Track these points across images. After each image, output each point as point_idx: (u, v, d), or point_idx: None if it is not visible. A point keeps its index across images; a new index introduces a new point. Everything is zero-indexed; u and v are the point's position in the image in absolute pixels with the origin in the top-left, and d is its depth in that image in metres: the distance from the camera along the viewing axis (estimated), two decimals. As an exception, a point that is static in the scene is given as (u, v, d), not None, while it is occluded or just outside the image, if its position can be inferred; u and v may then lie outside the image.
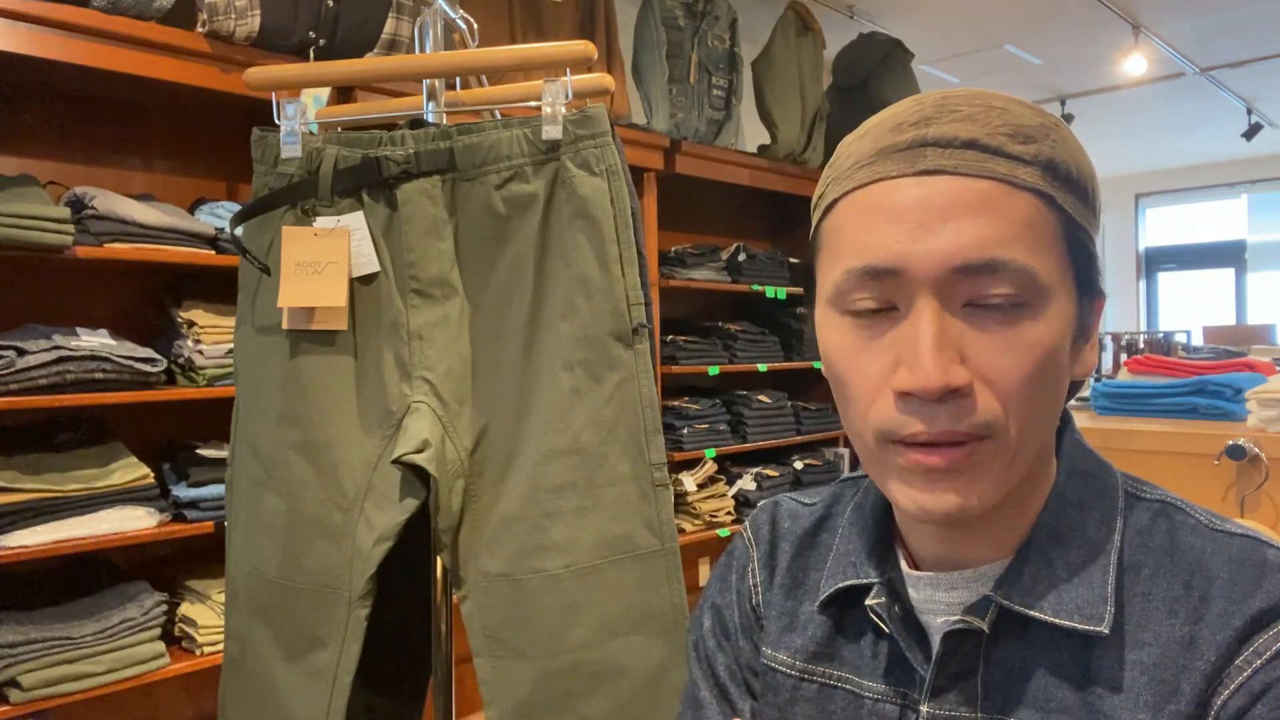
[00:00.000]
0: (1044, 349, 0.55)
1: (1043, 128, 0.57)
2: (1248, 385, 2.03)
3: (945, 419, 0.55)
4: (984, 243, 0.54)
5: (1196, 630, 0.56)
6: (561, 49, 1.17)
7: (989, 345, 0.55)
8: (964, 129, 0.56)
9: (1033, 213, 0.55)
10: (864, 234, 0.57)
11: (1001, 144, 0.56)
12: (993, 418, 0.55)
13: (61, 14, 1.81)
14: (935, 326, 0.54)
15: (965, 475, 0.56)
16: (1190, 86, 5.68)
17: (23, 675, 1.77)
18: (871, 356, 0.57)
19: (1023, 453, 0.57)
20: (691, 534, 3.25)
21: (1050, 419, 0.58)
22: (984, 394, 0.55)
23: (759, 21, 4.02)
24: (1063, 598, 0.59)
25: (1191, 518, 0.61)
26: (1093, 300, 0.60)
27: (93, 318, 2.15)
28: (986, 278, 0.54)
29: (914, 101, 0.59)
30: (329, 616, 1.17)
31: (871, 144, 0.59)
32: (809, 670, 0.70)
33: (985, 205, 0.54)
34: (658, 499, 1.15)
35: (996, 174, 0.55)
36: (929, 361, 0.53)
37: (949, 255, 0.54)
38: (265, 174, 1.24)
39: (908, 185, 0.56)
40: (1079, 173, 0.58)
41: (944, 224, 0.54)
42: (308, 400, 1.20)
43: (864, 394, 0.58)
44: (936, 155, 0.56)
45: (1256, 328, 6.49)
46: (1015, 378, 0.55)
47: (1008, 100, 0.58)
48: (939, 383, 0.53)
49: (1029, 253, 0.54)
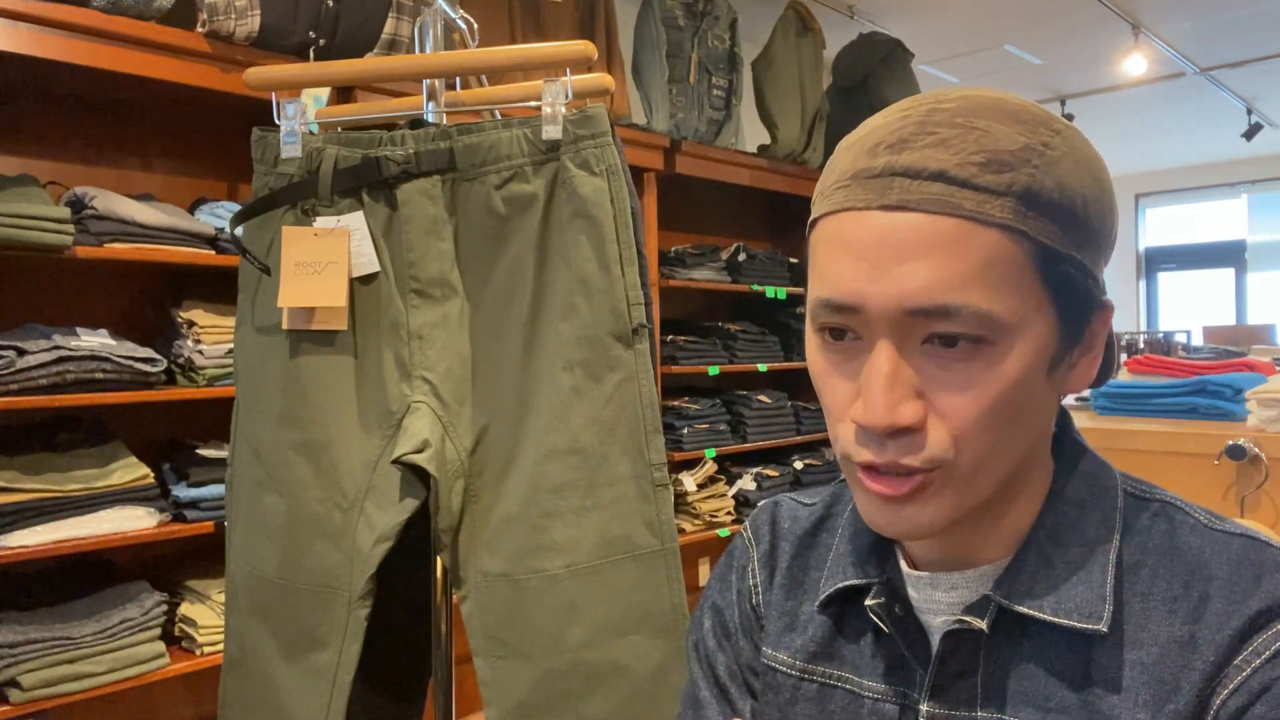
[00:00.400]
0: (1004, 385, 0.55)
1: (1026, 150, 0.55)
2: (1248, 385, 2.03)
3: (893, 451, 0.56)
4: (937, 287, 0.54)
5: (1196, 630, 0.56)
6: (561, 49, 1.17)
7: (945, 383, 0.55)
8: (935, 157, 0.55)
9: (997, 251, 0.54)
10: (830, 265, 0.57)
11: (971, 175, 0.54)
12: (942, 452, 0.56)
13: (61, 14, 1.81)
14: (888, 366, 0.55)
15: (915, 502, 0.58)
16: (1190, 86, 5.68)
17: (23, 675, 1.77)
18: (838, 381, 0.59)
19: (979, 480, 0.58)
20: (691, 534, 3.25)
21: (1013, 444, 0.58)
22: (936, 429, 0.56)
23: (759, 21, 4.02)
24: (1062, 597, 0.59)
25: (1191, 517, 0.62)
26: (1086, 317, 0.59)
27: (93, 318, 2.15)
28: (939, 320, 0.54)
29: (900, 114, 0.58)
30: (329, 616, 1.17)
31: (851, 161, 0.58)
32: (809, 670, 0.70)
33: (945, 245, 0.54)
34: (658, 499, 1.15)
35: (961, 210, 0.54)
36: (879, 401, 0.55)
37: (902, 298, 0.54)
38: (265, 174, 1.24)
39: (872, 219, 0.56)
40: (1065, 196, 0.56)
41: (901, 265, 0.54)
42: (308, 400, 1.20)
43: (833, 414, 0.60)
44: (903, 188, 0.55)
45: (1256, 328, 6.49)
46: (971, 414, 0.55)
47: (997, 113, 0.56)
48: (885, 421, 0.55)
49: (989, 293, 0.54)
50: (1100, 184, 0.58)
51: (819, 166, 3.77)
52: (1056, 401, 0.62)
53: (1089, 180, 0.57)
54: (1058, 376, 0.59)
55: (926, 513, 0.58)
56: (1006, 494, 0.61)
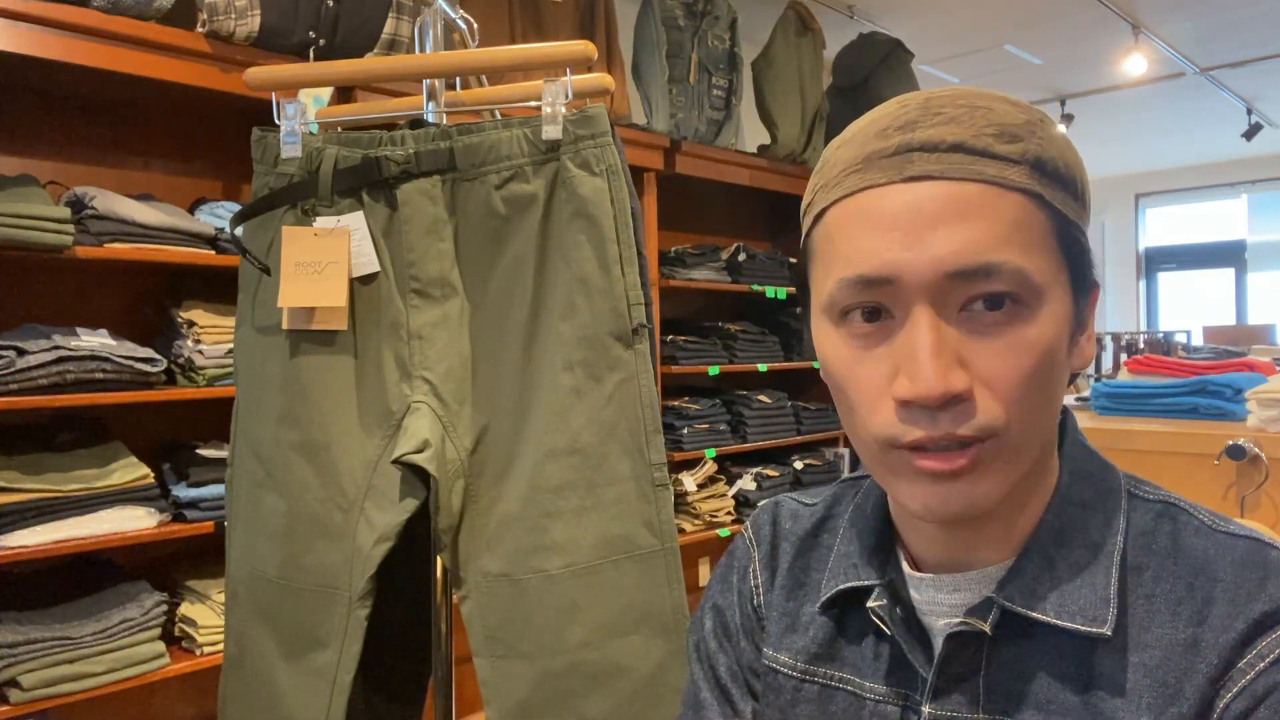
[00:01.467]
0: (1042, 348, 0.55)
1: (1028, 125, 0.57)
2: (1248, 385, 2.02)
3: (947, 423, 0.54)
4: (976, 247, 0.54)
5: (1199, 633, 0.56)
6: (561, 49, 1.17)
7: (987, 348, 0.55)
8: (950, 131, 0.56)
9: (1023, 213, 0.55)
10: (855, 243, 0.56)
11: (988, 145, 0.55)
12: (994, 419, 0.55)
13: (61, 14, 1.81)
14: (932, 334, 0.54)
15: (970, 476, 0.56)
16: (1190, 86, 5.68)
17: (23, 675, 1.77)
18: (870, 365, 0.57)
19: (1026, 449, 0.57)
20: (691, 534, 3.25)
21: (1051, 414, 0.58)
22: (984, 396, 0.55)
23: (759, 21, 4.02)
24: (1065, 599, 0.59)
25: (1195, 519, 0.61)
26: (1087, 293, 0.60)
27: (93, 318, 2.15)
28: (980, 282, 0.54)
29: (898, 105, 0.59)
30: (329, 616, 1.17)
31: (858, 150, 0.58)
32: (810, 671, 0.69)
33: (975, 209, 0.54)
34: (658, 499, 1.15)
35: (985, 176, 0.55)
36: (928, 369, 0.53)
37: (941, 261, 0.54)
38: (265, 174, 1.24)
39: (896, 192, 0.55)
40: (1066, 168, 0.58)
41: (934, 230, 0.54)
42: (308, 400, 1.20)
43: (864, 402, 0.58)
44: (923, 160, 0.55)
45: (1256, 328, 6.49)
46: (1015, 379, 0.55)
47: (991, 99, 0.58)
48: (939, 389, 0.53)
49: (1021, 253, 0.54)
50: (1084, 167, 0.61)
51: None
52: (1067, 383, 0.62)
53: (1077, 159, 0.60)
54: (1070, 352, 0.60)
55: (981, 487, 0.56)
56: (1013, 494, 0.61)
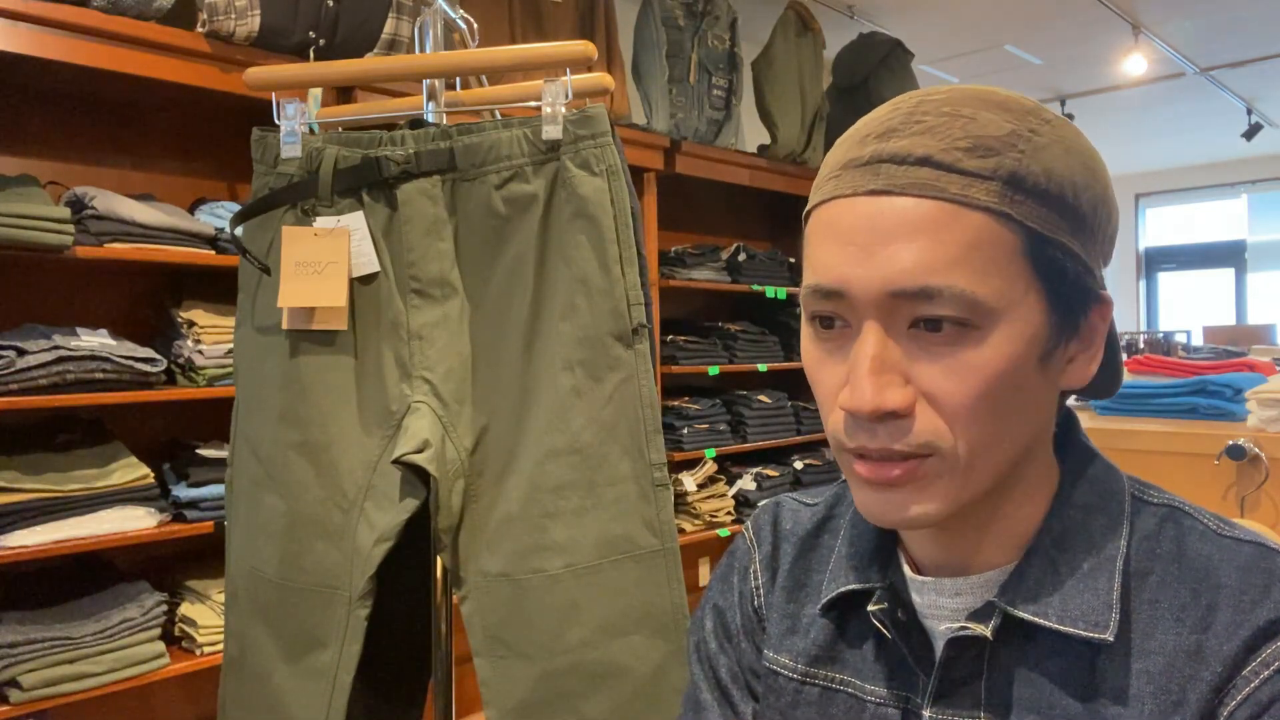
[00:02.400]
0: (991, 371, 0.55)
1: (1012, 136, 0.55)
2: (1248, 385, 2.02)
3: (883, 437, 0.56)
4: (919, 269, 0.54)
5: (1203, 640, 0.56)
6: (561, 49, 1.17)
7: (931, 368, 0.55)
8: (920, 144, 0.55)
9: (983, 233, 0.54)
10: (820, 252, 0.58)
11: (957, 160, 0.55)
12: (934, 437, 0.55)
13: (61, 14, 1.81)
14: (875, 349, 0.55)
15: (908, 488, 0.57)
16: (1190, 86, 5.68)
17: (23, 675, 1.77)
18: (829, 369, 0.59)
19: (977, 470, 0.57)
20: (691, 534, 3.25)
21: (1011, 436, 0.57)
22: (926, 414, 0.55)
23: (759, 21, 4.02)
24: (1068, 604, 0.58)
25: (1200, 523, 0.61)
26: (1079, 309, 0.59)
27: (93, 318, 2.15)
28: (922, 304, 0.54)
29: (890, 106, 0.59)
30: (329, 617, 1.17)
31: (843, 154, 0.59)
32: (811, 674, 0.69)
33: (929, 228, 0.54)
34: (658, 499, 1.15)
35: (946, 194, 0.54)
36: (865, 385, 0.55)
37: (885, 281, 0.54)
38: (265, 174, 1.24)
39: (860, 204, 0.56)
40: (1054, 181, 0.56)
41: (885, 248, 0.54)
42: (308, 400, 1.20)
43: (824, 403, 0.60)
44: (889, 173, 0.55)
45: (1256, 328, 6.49)
46: (958, 399, 0.55)
47: (983, 103, 0.57)
48: (871, 405, 0.54)
49: (973, 276, 0.54)
50: (1092, 173, 0.58)
51: (819, 166, 3.76)
52: (1056, 397, 0.61)
53: (1079, 168, 0.57)
54: (1053, 369, 0.58)
55: (920, 502, 0.57)
56: (1009, 494, 0.61)
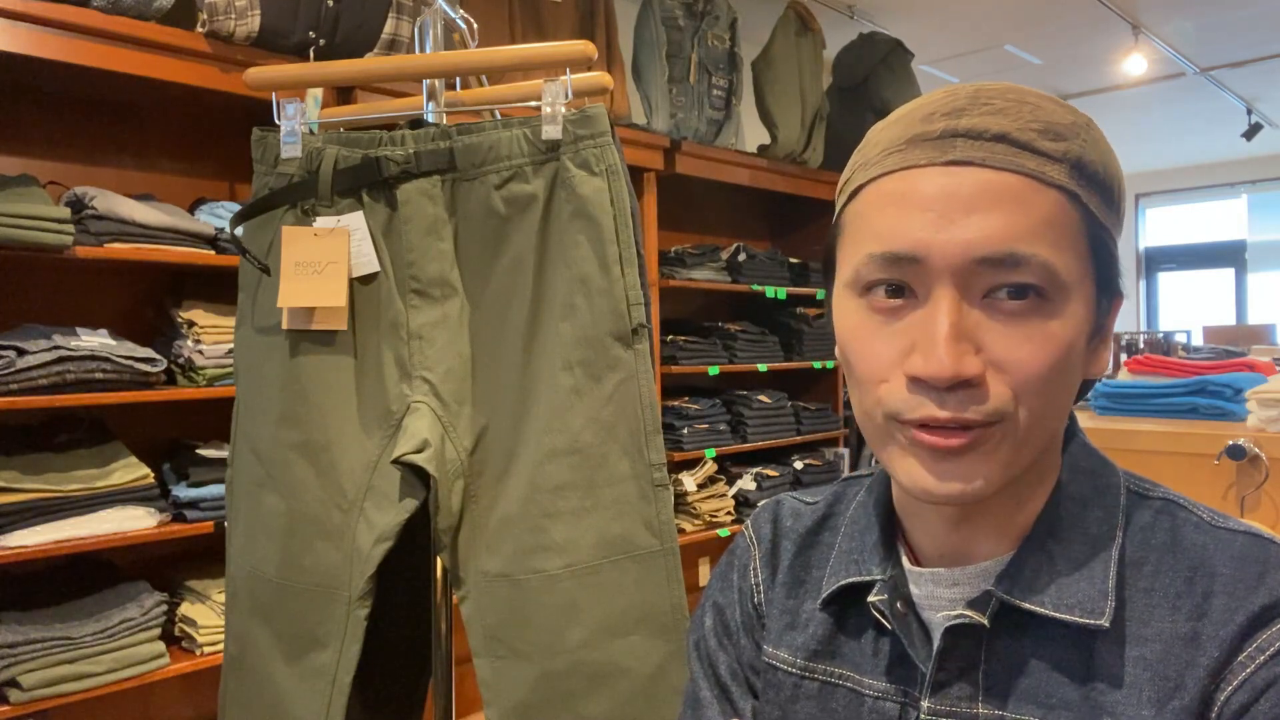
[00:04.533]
0: (1060, 343, 0.56)
1: (1073, 126, 0.58)
2: (1248, 385, 2.02)
3: (954, 405, 0.55)
4: (1006, 236, 0.54)
5: (1199, 626, 0.56)
6: (561, 49, 1.17)
7: (1006, 335, 0.55)
8: (995, 122, 0.56)
9: (1057, 210, 0.56)
10: (888, 220, 0.57)
11: (1032, 140, 0.56)
12: (1003, 405, 0.55)
13: (61, 14, 1.81)
14: (953, 316, 0.55)
15: (970, 457, 0.56)
16: (1190, 86, 5.68)
17: (23, 675, 1.77)
18: (886, 339, 0.58)
19: (1030, 441, 0.57)
20: (691, 534, 3.25)
21: (1061, 413, 0.59)
22: (996, 382, 0.55)
23: (759, 21, 4.02)
24: (1063, 592, 0.59)
25: (1194, 515, 0.62)
26: (1111, 300, 0.61)
27: (93, 318, 2.15)
28: (1007, 271, 0.55)
29: (947, 92, 0.60)
30: (329, 616, 1.17)
31: (902, 131, 0.59)
32: (810, 668, 0.70)
33: (1011, 199, 0.55)
34: (657, 499, 1.15)
35: (1025, 169, 0.55)
36: (943, 350, 0.54)
37: (971, 246, 0.54)
38: (265, 174, 1.24)
39: (935, 174, 0.56)
40: (1106, 173, 0.58)
41: (968, 215, 0.55)
42: (308, 400, 1.20)
43: (876, 374, 0.58)
44: (966, 146, 0.56)
45: (1256, 328, 6.48)
46: (1030, 368, 0.55)
47: (1041, 97, 0.59)
48: (951, 371, 0.54)
49: (1051, 249, 0.55)
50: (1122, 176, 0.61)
51: (819, 166, 3.76)
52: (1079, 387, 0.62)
53: (1117, 167, 0.60)
54: (1087, 354, 0.60)
55: (980, 470, 0.56)
56: (1015, 487, 0.61)
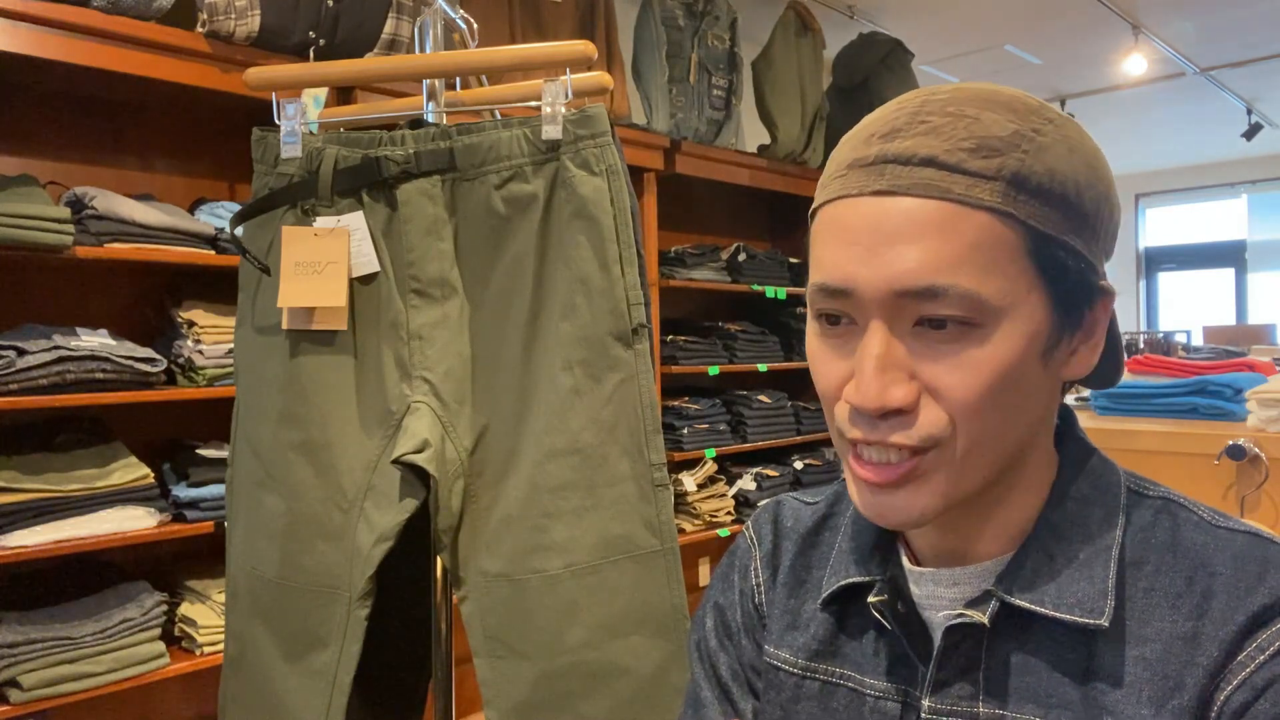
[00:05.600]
0: (994, 368, 0.56)
1: (1015, 136, 0.56)
2: (1248, 385, 2.02)
3: (885, 430, 0.57)
4: (923, 269, 0.55)
5: (1199, 626, 0.57)
6: (561, 49, 1.17)
7: (936, 364, 0.56)
8: (925, 144, 0.56)
9: (985, 234, 0.55)
10: (826, 251, 0.59)
11: (961, 160, 0.56)
12: (937, 431, 0.57)
13: (61, 14, 1.81)
14: (880, 348, 0.56)
15: (907, 488, 0.58)
16: (1190, 86, 5.68)
17: (23, 675, 1.77)
18: (834, 364, 0.60)
19: (972, 463, 0.58)
20: (691, 534, 3.25)
21: (1011, 430, 0.58)
22: (930, 408, 0.57)
23: (759, 21, 4.02)
24: (1063, 591, 0.59)
25: (1194, 514, 0.62)
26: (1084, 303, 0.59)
27: (93, 318, 2.15)
28: (927, 303, 0.55)
29: (895, 105, 0.60)
30: (329, 616, 1.17)
31: (848, 153, 0.60)
32: (811, 668, 0.70)
33: (934, 228, 0.55)
34: (657, 499, 1.15)
35: (950, 195, 0.55)
36: (870, 382, 0.56)
37: (891, 280, 0.55)
38: (265, 174, 1.24)
39: (865, 205, 0.57)
40: (1055, 181, 0.56)
41: (890, 247, 0.56)
42: (308, 400, 1.20)
43: (829, 394, 0.61)
44: (894, 173, 0.57)
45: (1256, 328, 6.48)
46: (961, 395, 0.56)
47: (988, 103, 0.58)
48: (876, 403, 0.56)
49: (977, 275, 0.55)
50: (1095, 171, 0.59)
51: (819, 166, 3.77)
52: (1057, 390, 0.62)
53: (1082, 167, 0.58)
54: (1055, 362, 0.60)
55: (918, 500, 0.58)
56: (1008, 485, 0.62)
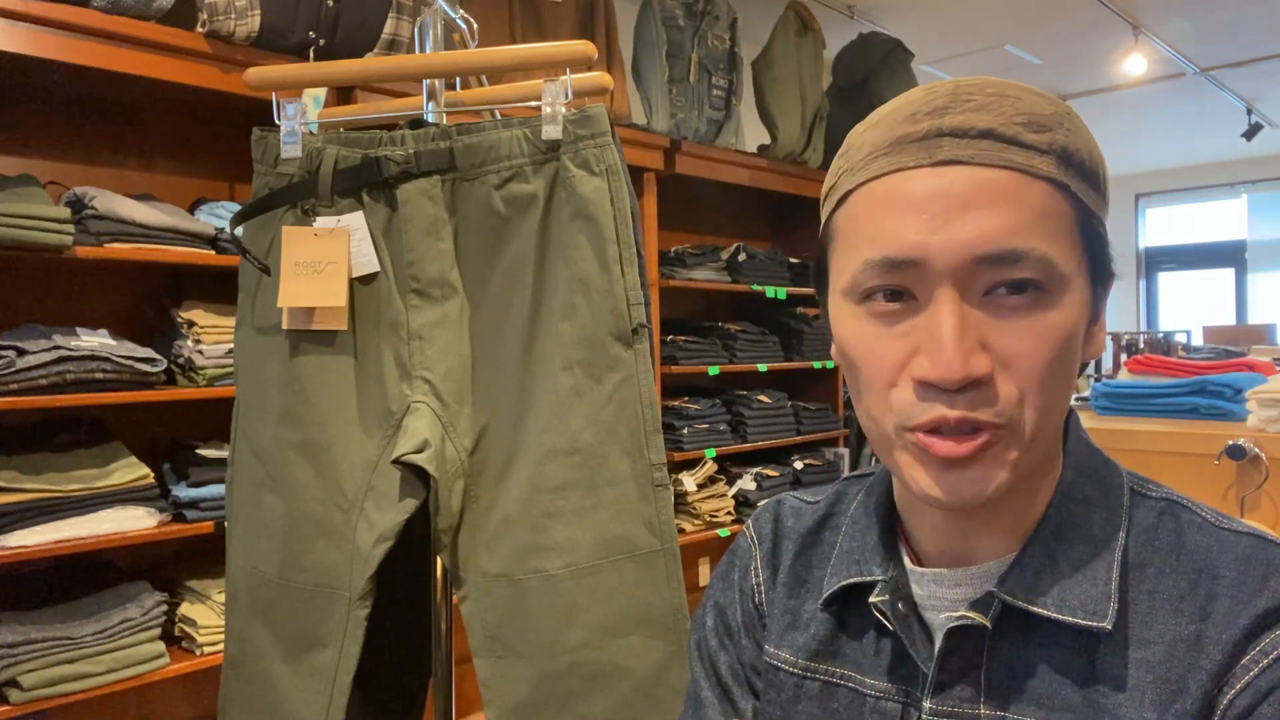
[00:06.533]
0: (1063, 334, 0.56)
1: (1055, 116, 0.57)
2: (1248, 385, 2.02)
3: (965, 405, 0.55)
4: (1003, 233, 0.54)
5: (1203, 629, 0.56)
6: (561, 49, 1.17)
7: (1009, 331, 0.55)
8: (980, 118, 0.56)
9: (1049, 202, 0.56)
10: (882, 225, 0.57)
11: (1018, 133, 0.56)
12: (1009, 405, 0.55)
13: (61, 14, 1.81)
14: (957, 317, 0.55)
15: (980, 464, 0.56)
16: (1190, 86, 5.68)
17: (23, 675, 1.77)
18: (890, 343, 0.58)
19: (1037, 438, 0.57)
20: (691, 534, 3.25)
21: (1063, 402, 0.59)
22: (1003, 380, 0.55)
23: (759, 21, 4.02)
24: (1066, 593, 0.59)
25: (1198, 516, 0.62)
26: (1104, 283, 0.61)
27: (93, 318, 2.15)
28: (1007, 267, 0.55)
29: (925, 91, 0.59)
30: (329, 616, 1.17)
31: (886, 133, 0.59)
32: (812, 668, 0.70)
33: (1003, 195, 0.55)
34: (657, 499, 1.15)
35: (1014, 164, 0.55)
36: (951, 352, 0.54)
37: (969, 245, 0.54)
38: (265, 174, 1.24)
39: (925, 175, 0.56)
40: (1091, 160, 0.58)
41: (963, 214, 0.55)
42: (308, 400, 1.20)
43: (881, 380, 0.58)
44: (953, 145, 0.56)
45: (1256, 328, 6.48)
46: (1035, 362, 0.55)
47: (1020, 89, 0.58)
48: (961, 373, 0.54)
49: (1047, 241, 0.55)
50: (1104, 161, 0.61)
51: (819, 166, 3.77)
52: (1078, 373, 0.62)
53: (1099, 153, 0.60)
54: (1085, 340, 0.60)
55: (993, 475, 0.56)
56: (1024, 485, 0.61)
